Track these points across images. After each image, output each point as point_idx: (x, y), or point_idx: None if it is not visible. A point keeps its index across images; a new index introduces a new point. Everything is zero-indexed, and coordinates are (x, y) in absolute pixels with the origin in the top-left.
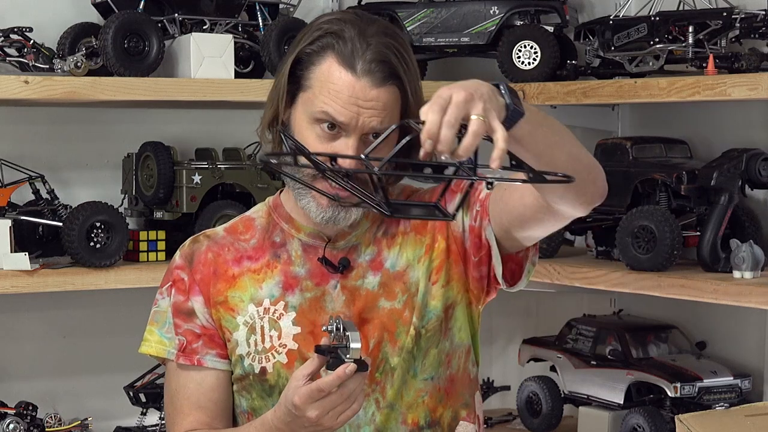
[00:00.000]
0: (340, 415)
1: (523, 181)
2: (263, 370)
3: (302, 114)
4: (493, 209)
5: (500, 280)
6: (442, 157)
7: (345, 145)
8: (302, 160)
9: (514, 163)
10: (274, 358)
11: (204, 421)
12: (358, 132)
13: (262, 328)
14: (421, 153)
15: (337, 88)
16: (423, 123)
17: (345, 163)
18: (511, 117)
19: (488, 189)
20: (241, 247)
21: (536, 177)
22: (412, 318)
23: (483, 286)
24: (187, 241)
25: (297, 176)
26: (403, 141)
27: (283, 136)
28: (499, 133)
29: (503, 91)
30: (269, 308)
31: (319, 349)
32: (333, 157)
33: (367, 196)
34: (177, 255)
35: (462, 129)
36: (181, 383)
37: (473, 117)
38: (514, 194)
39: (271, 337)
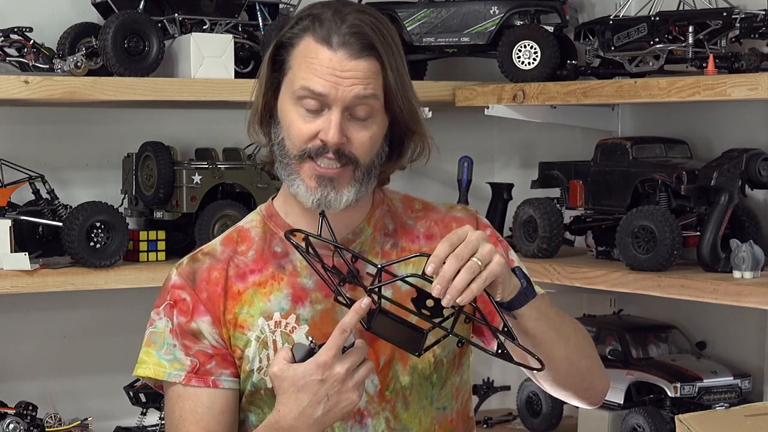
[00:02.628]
0: (361, 385)
1: (493, 354)
2: None
3: (286, 97)
4: None
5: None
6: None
7: (327, 120)
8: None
9: (506, 329)
10: None
11: None
12: (339, 104)
13: (275, 342)
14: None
15: (315, 62)
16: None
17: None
18: (524, 294)
19: (458, 346)
20: (240, 262)
21: (503, 355)
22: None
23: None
24: (185, 260)
25: (284, 161)
26: (412, 257)
27: (321, 219)
28: (483, 275)
29: (518, 272)
30: (280, 321)
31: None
32: (355, 256)
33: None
34: (173, 274)
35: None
36: (188, 408)
37: (473, 259)
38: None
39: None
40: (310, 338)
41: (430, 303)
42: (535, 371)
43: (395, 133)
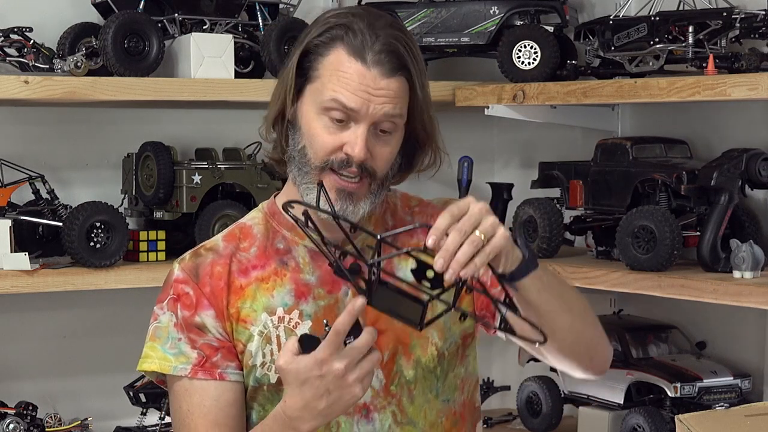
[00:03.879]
0: (365, 378)
1: (495, 328)
2: (280, 380)
3: (310, 105)
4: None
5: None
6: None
7: (354, 135)
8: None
9: (508, 301)
10: None
11: None
12: (368, 120)
13: (278, 337)
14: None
15: (348, 76)
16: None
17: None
18: (526, 266)
19: (461, 320)
20: (243, 258)
21: (506, 329)
22: (427, 332)
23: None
24: (187, 255)
25: (304, 169)
26: (412, 227)
27: (320, 190)
28: (487, 249)
29: (519, 243)
30: (284, 317)
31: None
32: (354, 226)
33: (354, 281)
34: (176, 268)
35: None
36: (195, 402)
37: (476, 233)
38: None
39: None
40: (326, 322)
41: (430, 274)
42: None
43: (410, 146)
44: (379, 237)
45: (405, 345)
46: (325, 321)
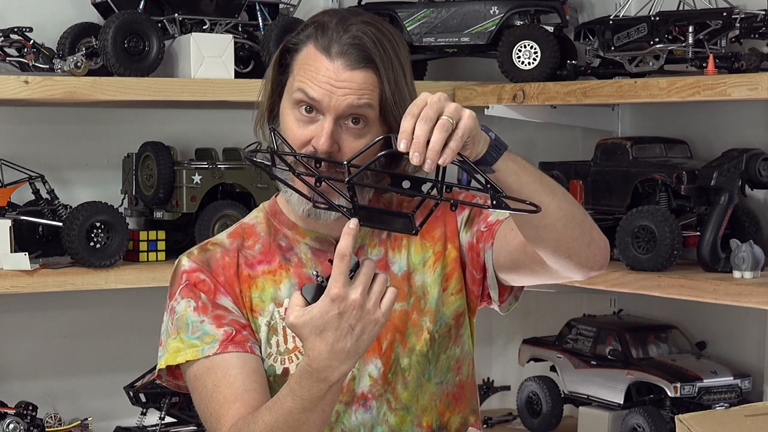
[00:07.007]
0: (383, 299)
1: (487, 207)
2: (286, 371)
3: (286, 101)
4: (498, 240)
5: (496, 305)
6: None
7: (320, 127)
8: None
9: (489, 185)
10: (298, 359)
11: (251, 404)
12: (332, 112)
13: (284, 329)
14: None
15: (313, 69)
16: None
17: (324, 169)
18: (496, 146)
19: (452, 210)
20: (249, 254)
21: (498, 204)
22: (420, 320)
23: (477, 302)
24: (194, 249)
25: (276, 171)
26: (375, 142)
27: (273, 134)
28: (459, 132)
29: (483, 128)
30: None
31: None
32: (317, 160)
33: (334, 204)
34: (185, 261)
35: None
36: (220, 375)
37: (443, 117)
38: (518, 237)
39: (294, 337)
40: (316, 272)
41: (406, 184)
42: (529, 213)
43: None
44: (345, 162)
45: (402, 334)
46: (314, 272)
